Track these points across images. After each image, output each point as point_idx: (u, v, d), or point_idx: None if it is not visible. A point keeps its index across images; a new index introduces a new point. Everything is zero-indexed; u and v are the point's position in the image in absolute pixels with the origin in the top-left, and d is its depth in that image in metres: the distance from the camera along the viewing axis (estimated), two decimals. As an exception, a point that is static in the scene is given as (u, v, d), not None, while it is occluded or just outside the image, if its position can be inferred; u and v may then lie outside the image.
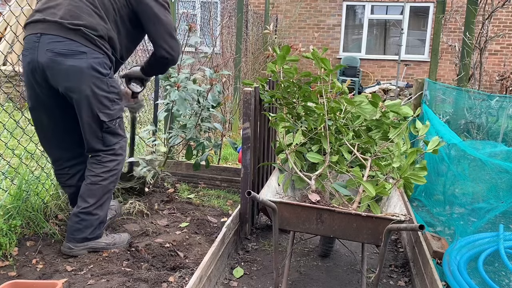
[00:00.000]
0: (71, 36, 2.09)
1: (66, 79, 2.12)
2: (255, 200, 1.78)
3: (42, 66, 2.10)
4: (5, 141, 2.64)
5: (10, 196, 2.48)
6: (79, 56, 2.10)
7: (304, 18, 11.17)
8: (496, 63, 9.99)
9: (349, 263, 2.64)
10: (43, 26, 2.10)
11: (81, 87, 2.14)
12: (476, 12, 4.55)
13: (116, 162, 2.35)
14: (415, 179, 2.10)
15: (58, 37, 2.08)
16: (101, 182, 2.30)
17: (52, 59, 2.08)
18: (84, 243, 2.32)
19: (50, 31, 2.09)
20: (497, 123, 3.75)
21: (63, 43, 2.08)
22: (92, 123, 2.23)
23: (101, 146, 2.31)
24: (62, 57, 2.09)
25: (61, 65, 2.09)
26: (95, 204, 2.30)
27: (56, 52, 2.08)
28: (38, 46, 2.09)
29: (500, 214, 2.45)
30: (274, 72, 2.53)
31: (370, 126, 2.36)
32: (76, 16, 2.12)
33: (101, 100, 2.21)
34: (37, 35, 2.10)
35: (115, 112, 2.30)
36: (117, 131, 2.35)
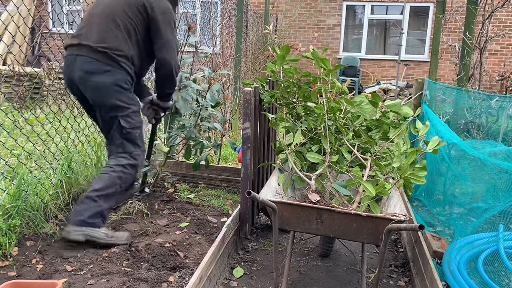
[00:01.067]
0: (98, 57, 2.46)
1: (92, 92, 2.50)
2: (255, 200, 1.78)
3: (75, 81, 2.51)
4: (4, 142, 2.63)
5: (9, 195, 2.48)
6: (104, 74, 2.47)
7: (304, 18, 11.17)
8: (496, 63, 9.99)
9: (349, 263, 2.64)
10: (78, 48, 2.50)
11: (105, 99, 2.50)
12: (476, 12, 4.55)
13: (130, 162, 2.58)
14: (415, 179, 2.10)
15: (88, 58, 2.46)
16: (111, 173, 2.50)
17: (82, 77, 2.48)
18: (81, 227, 2.34)
19: (83, 52, 2.48)
20: (497, 123, 3.75)
21: (91, 63, 2.46)
22: (114, 127, 2.54)
23: (121, 151, 2.59)
24: (90, 75, 2.46)
25: (88, 82, 2.47)
26: (99, 190, 2.43)
27: (85, 71, 2.46)
28: (74, 66, 2.48)
29: (499, 214, 2.45)
30: (274, 72, 2.53)
31: (370, 126, 2.36)
32: (103, 39, 2.48)
33: (123, 109, 2.53)
34: (74, 55, 2.50)
35: (135, 122, 2.60)
36: (136, 141, 2.62)
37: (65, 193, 2.75)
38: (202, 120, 3.23)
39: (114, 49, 2.49)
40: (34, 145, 2.85)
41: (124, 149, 2.57)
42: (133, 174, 2.62)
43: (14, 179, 2.61)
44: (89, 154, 3.17)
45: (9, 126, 4.05)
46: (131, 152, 2.58)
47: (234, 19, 6.69)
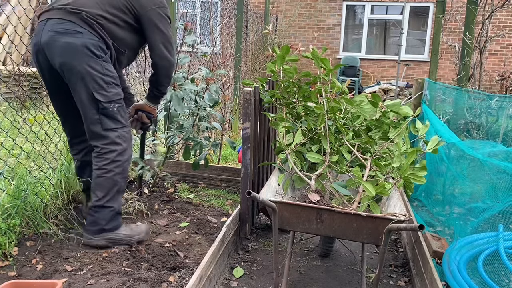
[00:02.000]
0: (71, 19, 2.26)
1: (60, 54, 2.24)
2: (255, 200, 1.78)
3: (42, 45, 2.26)
4: (2, 142, 2.63)
5: (8, 195, 2.48)
6: (75, 35, 2.24)
7: (304, 18, 11.17)
8: (496, 63, 9.99)
9: (349, 263, 2.64)
10: (50, 13, 2.31)
11: (73, 63, 2.24)
12: (476, 12, 4.55)
13: (116, 152, 2.37)
14: (415, 179, 2.10)
15: (60, 20, 2.26)
16: (105, 175, 2.35)
17: (51, 37, 2.24)
18: (101, 234, 2.37)
19: (54, 15, 2.28)
20: (497, 123, 3.75)
21: (63, 24, 2.25)
22: (88, 103, 2.30)
23: (101, 130, 2.34)
24: (60, 35, 2.23)
25: (57, 42, 2.23)
26: (105, 197, 2.36)
27: (55, 31, 2.24)
28: (43, 29, 2.27)
29: (499, 214, 2.45)
30: (274, 72, 2.53)
31: (370, 126, 2.36)
32: (80, 4, 2.30)
33: (95, 79, 2.28)
34: (44, 20, 2.29)
35: (112, 95, 2.34)
36: (116, 117, 2.37)
37: (64, 193, 2.75)
38: (200, 120, 3.22)
39: (90, 13, 2.29)
40: (33, 145, 2.84)
41: (103, 126, 2.33)
42: (127, 161, 2.44)
43: (13, 179, 2.61)
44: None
45: (8, 126, 4.04)
46: (111, 134, 2.35)
47: (234, 19, 6.68)
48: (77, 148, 2.64)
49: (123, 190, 2.52)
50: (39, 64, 2.35)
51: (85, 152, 2.62)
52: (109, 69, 2.35)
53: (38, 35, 2.28)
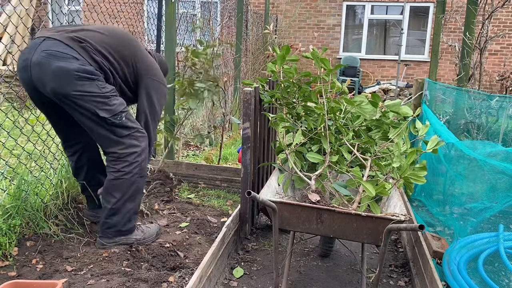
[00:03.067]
0: (71, 44, 2.14)
1: (52, 79, 2.12)
2: (255, 200, 1.78)
3: (32, 64, 2.13)
4: (4, 142, 2.63)
5: (9, 196, 2.48)
6: (69, 60, 2.11)
7: (304, 18, 11.17)
8: (496, 63, 9.99)
9: (349, 263, 2.64)
10: (50, 32, 2.17)
11: (67, 89, 2.13)
12: (476, 12, 4.55)
13: (135, 154, 2.35)
14: (415, 179, 2.10)
15: (58, 42, 2.12)
16: (124, 176, 2.33)
17: (43, 58, 2.10)
18: (117, 238, 2.39)
19: (54, 36, 2.14)
20: (497, 123, 3.75)
21: (59, 47, 2.11)
22: (94, 123, 2.25)
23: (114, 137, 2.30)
24: (53, 58, 2.10)
25: (49, 65, 2.10)
26: (123, 197, 2.34)
27: (49, 53, 2.10)
28: (37, 48, 2.13)
29: (500, 214, 2.45)
30: (274, 72, 2.53)
31: (370, 126, 2.36)
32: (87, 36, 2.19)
33: (95, 99, 2.19)
34: (41, 38, 2.16)
35: (116, 107, 2.27)
36: (126, 124, 2.32)
37: (64, 193, 2.75)
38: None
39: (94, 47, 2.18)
40: (34, 145, 2.84)
41: (116, 134, 2.29)
42: (145, 159, 2.42)
43: (14, 179, 2.61)
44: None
45: (9, 126, 4.04)
46: (125, 139, 2.31)
47: (234, 19, 6.68)
48: (71, 151, 2.61)
49: (142, 189, 2.49)
50: (22, 79, 2.23)
51: (79, 154, 2.59)
52: (106, 86, 2.25)
53: (31, 51, 2.14)
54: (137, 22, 4.65)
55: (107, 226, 2.37)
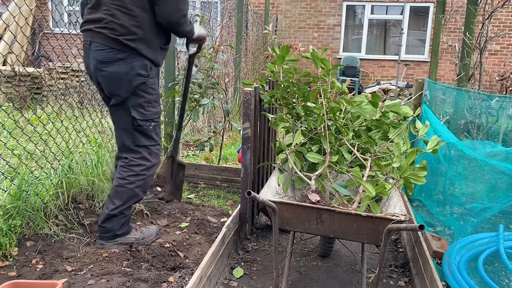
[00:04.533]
0: (111, 45, 2.26)
1: (107, 83, 2.31)
2: (255, 200, 1.78)
3: (92, 71, 2.34)
4: (5, 141, 2.64)
5: (9, 196, 2.48)
6: (117, 62, 2.26)
7: (304, 18, 11.16)
8: (496, 63, 9.98)
9: (349, 263, 2.64)
10: (91, 34, 2.30)
11: (121, 90, 2.31)
12: (476, 12, 4.55)
13: (144, 167, 2.42)
14: (415, 179, 2.10)
15: (101, 45, 2.27)
16: (127, 185, 2.40)
17: (95, 66, 2.30)
18: (114, 240, 2.45)
19: (96, 39, 2.28)
20: (497, 123, 3.74)
21: (104, 51, 2.26)
22: (124, 118, 2.36)
23: (131, 144, 2.39)
24: (103, 64, 2.27)
25: (103, 71, 2.29)
26: (121, 206, 2.41)
27: (99, 60, 2.28)
28: (89, 55, 2.32)
29: (499, 214, 2.45)
30: (273, 72, 2.53)
31: (370, 126, 2.36)
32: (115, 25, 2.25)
33: (137, 100, 2.34)
34: (88, 42, 2.32)
35: (150, 114, 2.39)
36: (151, 134, 2.42)
37: (65, 193, 2.75)
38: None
39: (126, 34, 2.25)
40: (36, 145, 2.85)
41: (134, 141, 2.38)
42: (151, 175, 2.49)
43: (15, 179, 2.61)
44: (90, 154, 3.17)
45: (10, 126, 4.05)
46: (142, 150, 2.40)
47: (234, 19, 6.69)
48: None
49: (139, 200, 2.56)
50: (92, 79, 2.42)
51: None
52: (153, 87, 2.40)
53: (86, 58, 2.35)
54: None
55: (103, 230, 2.43)
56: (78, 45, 3.42)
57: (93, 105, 4.57)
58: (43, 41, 8.63)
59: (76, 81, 5.90)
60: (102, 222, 2.42)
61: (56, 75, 6.26)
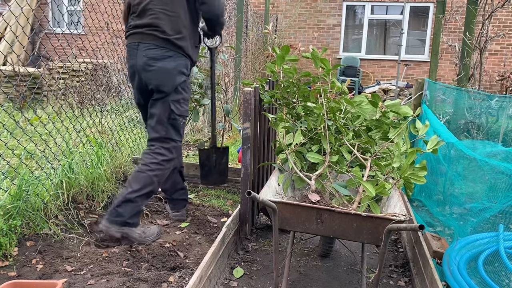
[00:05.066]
0: (162, 44, 2.51)
1: (156, 77, 2.53)
2: (255, 200, 1.78)
3: (139, 68, 2.55)
4: (5, 141, 2.64)
5: (10, 196, 2.48)
6: (166, 59, 2.53)
7: (304, 18, 11.16)
8: (496, 63, 9.98)
9: (349, 263, 2.64)
10: (139, 36, 2.54)
11: (167, 83, 2.54)
12: (476, 12, 4.55)
13: (165, 158, 2.59)
14: (415, 179, 2.10)
15: (151, 45, 2.51)
16: (147, 172, 2.53)
17: (145, 62, 2.52)
18: (122, 227, 2.47)
19: (145, 40, 2.53)
20: (497, 123, 3.74)
21: (155, 50, 2.51)
22: (163, 112, 2.58)
23: (163, 136, 2.60)
24: (154, 61, 2.52)
25: (152, 66, 2.52)
26: (138, 191, 2.49)
27: (149, 57, 2.52)
28: (137, 53, 2.54)
29: (499, 214, 2.45)
30: (273, 72, 2.53)
31: (370, 126, 2.36)
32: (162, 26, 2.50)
33: (177, 96, 2.59)
34: (136, 43, 2.55)
35: (183, 111, 2.65)
36: (179, 129, 2.66)
37: (65, 193, 2.75)
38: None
39: (173, 35, 2.52)
40: (36, 145, 2.85)
41: (167, 133, 2.60)
42: (169, 169, 2.64)
43: (15, 179, 2.62)
44: (90, 154, 3.18)
45: (11, 126, 4.05)
46: (168, 142, 2.60)
47: (234, 19, 6.69)
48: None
49: (154, 194, 2.69)
50: (134, 83, 2.64)
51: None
52: (189, 86, 2.70)
53: (134, 58, 2.56)
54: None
55: (115, 214, 2.46)
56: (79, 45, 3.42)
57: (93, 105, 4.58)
58: (44, 41, 8.64)
59: (77, 81, 5.90)
60: (117, 206, 2.46)
61: (56, 75, 6.27)
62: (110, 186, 3.11)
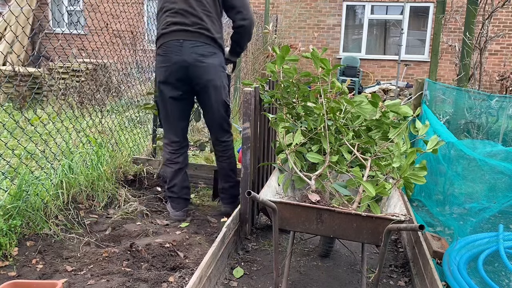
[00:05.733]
0: (207, 41, 2.75)
1: (207, 73, 2.76)
2: (255, 200, 1.78)
3: (189, 63, 2.72)
4: (5, 141, 2.64)
5: (10, 196, 2.48)
6: (213, 56, 2.77)
7: (304, 18, 11.16)
8: (496, 63, 9.98)
9: (349, 263, 2.64)
10: (183, 34, 2.72)
11: (215, 78, 2.79)
12: (476, 12, 4.55)
13: (232, 144, 3.02)
14: (415, 179, 2.10)
15: (198, 42, 2.73)
16: (232, 160, 3.01)
17: (196, 59, 2.72)
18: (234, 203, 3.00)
19: (190, 37, 2.72)
20: (497, 123, 3.74)
21: (203, 47, 2.74)
22: (221, 108, 2.88)
23: (226, 127, 2.96)
24: (204, 57, 2.74)
25: (203, 63, 2.73)
26: (236, 175, 3.03)
27: (199, 54, 2.73)
28: (183, 50, 2.71)
29: (499, 214, 2.45)
30: (273, 72, 2.53)
31: (370, 126, 2.36)
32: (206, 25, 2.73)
33: (225, 89, 2.88)
34: (179, 40, 2.72)
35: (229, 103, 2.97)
36: (229, 120, 2.99)
37: (65, 193, 2.75)
38: None
39: (216, 33, 2.77)
40: (36, 145, 2.85)
41: (228, 126, 2.95)
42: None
43: (15, 179, 2.62)
44: (90, 154, 3.18)
45: (11, 126, 4.05)
46: (228, 129, 2.96)
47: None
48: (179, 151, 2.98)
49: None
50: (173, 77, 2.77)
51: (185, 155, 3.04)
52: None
53: (178, 54, 2.71)
54: (138, 23, 4.65)
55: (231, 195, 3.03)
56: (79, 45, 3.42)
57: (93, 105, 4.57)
58: (44, 41, 8.63)
59: (77, 81, 5.90)
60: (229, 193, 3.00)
61: (56, 75, 6.27)
62: (110, 186, 3.11)
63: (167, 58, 2.75)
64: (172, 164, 2.96)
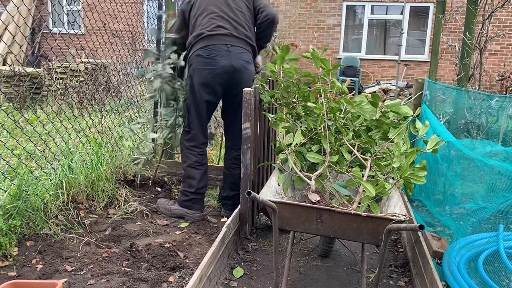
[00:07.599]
0: (249, 49, 2.91)
1: (247, 79, 2.90)
2: (255, 200, 1.78)
3: (236, 68, 2.83)
4: (4, 141, 2.63)
5: (9, 196, 2.48)
6: (251, 64, 2.95)
7: (304, 18, 11.16)
8: (496, 63, 9.98)
9: (349, 263, 2.64)
10: (230, 39, 2.82)
11: (251, 86, 2.88)
12: (476, 12, 4.55)
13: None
14: (415, 179, 2.10)
15: (243, 49, 2.87)
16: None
17: (242, 65, 2.86)
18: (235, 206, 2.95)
19: (236, 43, 2.83)
20: (497, 123, 3.74)
21: (246, 54, 2.89)
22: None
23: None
24: (247, 64, 2.89)
25: (247, 69, 2.89)
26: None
27: (245, 60, 2.88)
28: (231, 55, 2.81)
29: (499, 214, 2.45)
30: (273, 72, 2.53)
31: (370, 126, 2.36)
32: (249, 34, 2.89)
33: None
34: (228, 46, 2.81)
35: None
36: None
37: (65, 193, 2.75)
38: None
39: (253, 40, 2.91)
40: (36, 145, 2.85)
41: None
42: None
43: (15, 179, 2.61)
44: (90, 154, 3.17)
45: (10, 126, 4.05)
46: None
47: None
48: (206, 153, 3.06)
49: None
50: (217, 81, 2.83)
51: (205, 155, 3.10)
52: None
53: (226, 59, 2.79)
54: (137, 22, 4.65)
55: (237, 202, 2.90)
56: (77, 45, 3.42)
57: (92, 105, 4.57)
58: (42, 41, 8.63)
59: (76, 81, 5.90)
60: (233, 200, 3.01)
61: (55, 75, 6.26)
62: (110, 186, 3.11)
63: (213, 61, 2.78)
64: (200, 166, 3.00)
